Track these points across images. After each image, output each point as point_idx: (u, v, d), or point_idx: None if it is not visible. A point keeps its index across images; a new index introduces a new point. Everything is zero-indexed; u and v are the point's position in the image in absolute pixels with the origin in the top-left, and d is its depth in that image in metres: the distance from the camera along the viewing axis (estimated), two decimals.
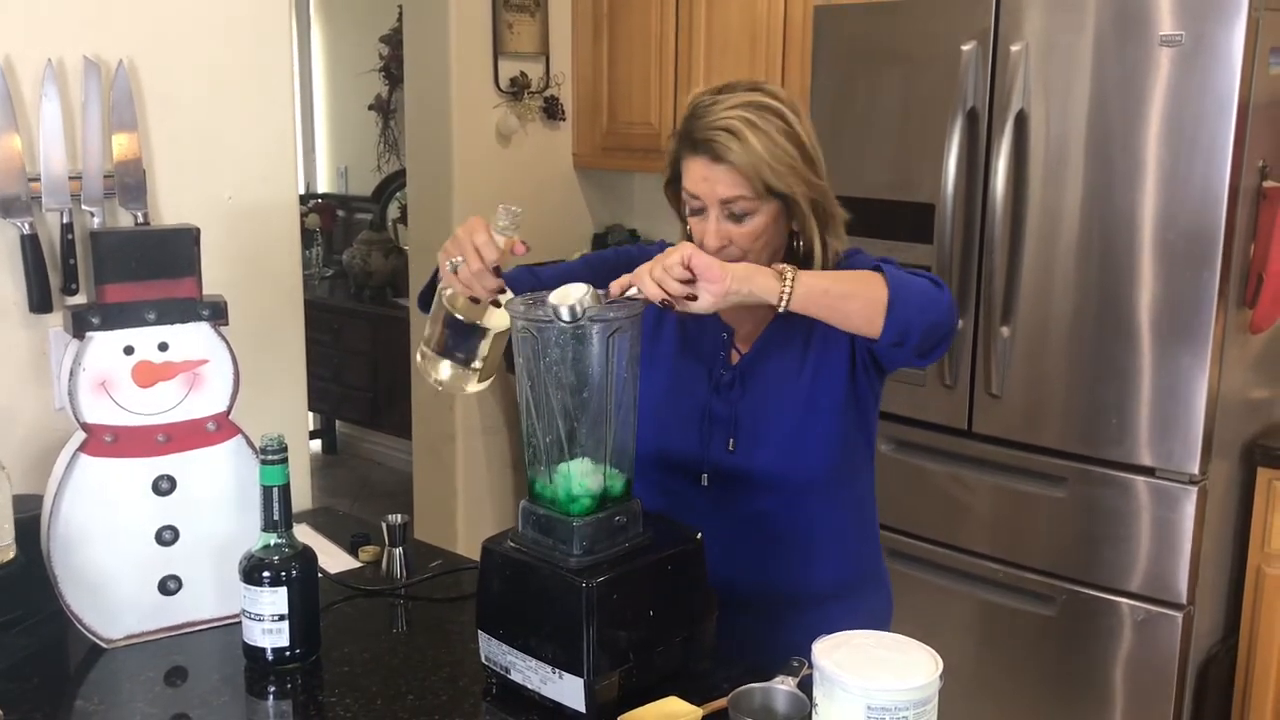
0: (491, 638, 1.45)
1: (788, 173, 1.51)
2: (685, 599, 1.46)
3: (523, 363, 1.41)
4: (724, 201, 1.52)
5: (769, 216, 1.54)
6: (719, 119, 1.50)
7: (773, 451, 1.63)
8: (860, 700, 1.19)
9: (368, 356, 4.94)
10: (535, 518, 1.43)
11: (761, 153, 1.49)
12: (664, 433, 1.67)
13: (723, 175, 1.51)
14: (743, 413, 1.64)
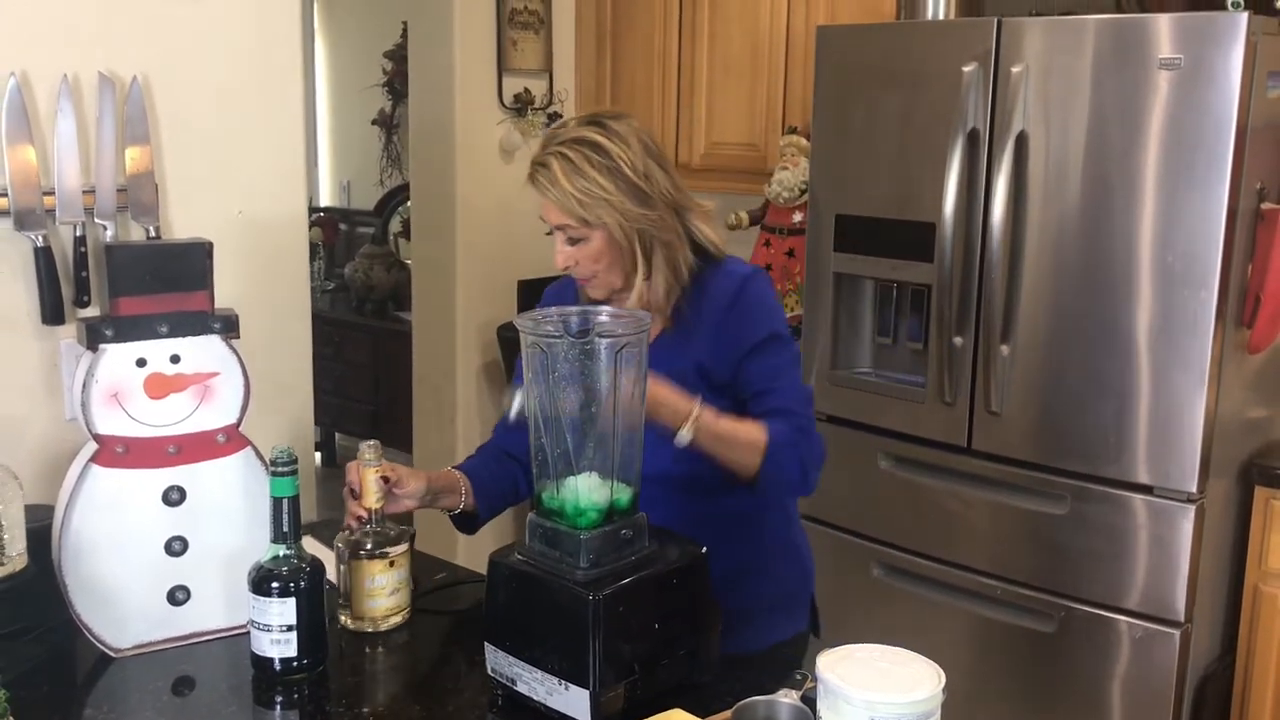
0: (498, 649, 1.47)
1: (597, 205, 1.63)
2: (690, 612, 1.48)
3: (531, 377, 1.43)
4: (558, 227, 1.67)
5: (603, 241, 1.67)
6: (540, 154, 1.67)
7: (666, 453, 1.63)
8: (864, 713, 1.21)
9: (369, 370, 4.96)
10: (542, 531, 1.44)
11: (568, 188, 1.63)
12: None
13: (548, 206, 1.67)
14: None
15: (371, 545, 1.64)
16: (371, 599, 1.64)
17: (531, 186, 1.68)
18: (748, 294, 1.74)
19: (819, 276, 2.95)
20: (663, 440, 1.60)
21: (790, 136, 3.35)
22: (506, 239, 3.83)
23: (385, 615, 1.65)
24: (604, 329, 1.41)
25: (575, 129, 1.67)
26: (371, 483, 1.64)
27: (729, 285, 1.73)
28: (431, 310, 3.84)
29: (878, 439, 2.82)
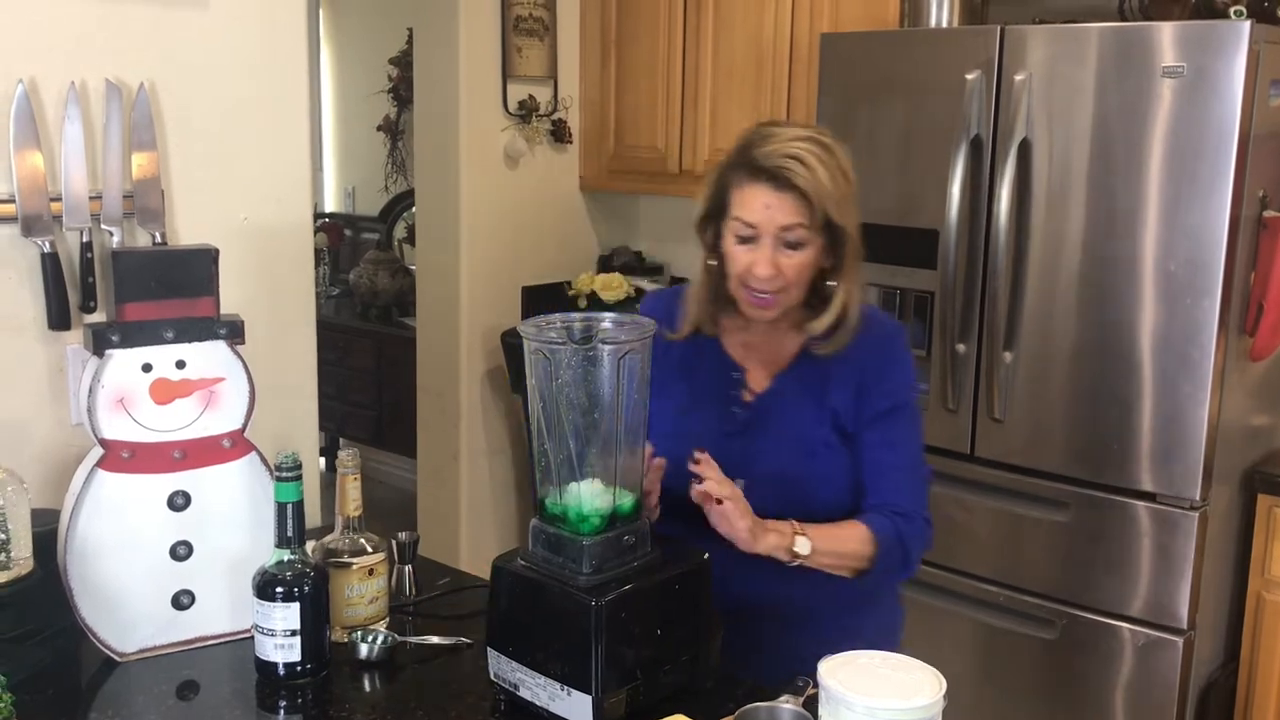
0: (501, 654, 1.47)
1: (845, 205, 1.57)
2: (692, 618, 1.48)
3: (535, 384, 1.43)
4: (782, 229, 1.56)
5: (817, 250, 1.59)
6: (785, 148, 1.55)
7: (784, 492, 1.65)
8: (865, 719, 1.22)
9: (373, 375, 4.97)
10: (545, 536, 1.45)
11: (827, 182, 1.54)
12: (677, 472, 1.62)
13: (786, 203, 1.55)
14: (755, 456, 1.66)
15: (349, 554, 1.64)
16: (350, 608, 1.64)
17: (758, 183, 1.56)
18: (896, 350, 1.72)
19: None
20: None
21: None
22: (511, 245, 3.84)
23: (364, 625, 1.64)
24: (607, 335, 1.42)
25: (802, 129, 1.60)
26: (350, 491, 1.64)
27: (879, 335, 1.70)
28: (435, 316, 3.85)
29: None
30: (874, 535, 1.62)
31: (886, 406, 1.67)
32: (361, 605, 1.65)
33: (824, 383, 1.67)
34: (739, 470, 1.63)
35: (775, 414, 1.69)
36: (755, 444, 1.68)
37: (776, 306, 1.63)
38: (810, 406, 1.68)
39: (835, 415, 1.67)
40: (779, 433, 1.68)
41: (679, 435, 1.65)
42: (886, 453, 1.68)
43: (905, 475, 1.69)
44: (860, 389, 1.67)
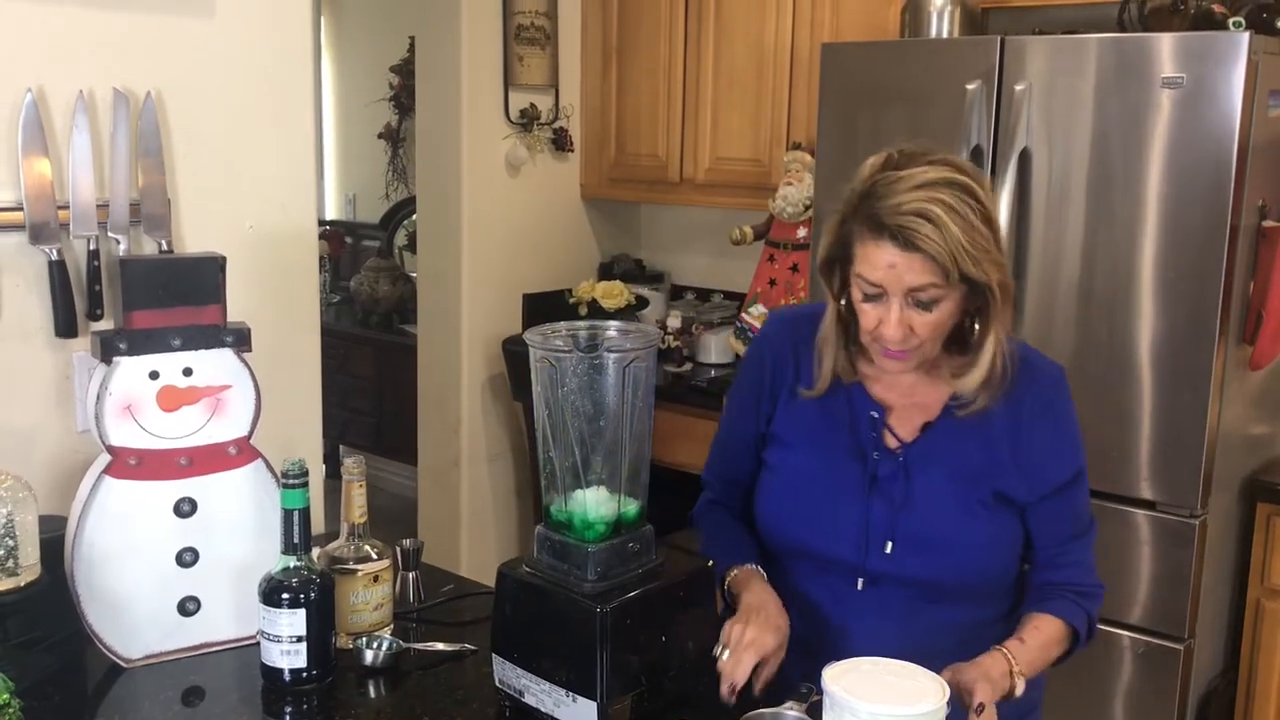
0: (506, 661, 1.48)
1: (984, 258, 1.39)
2: (697, 624, 1.49)
3: (540, 391, 1.44)
4: (911, 290, 1.40)
5: (955, 303, 1.43)
6: (910, 202, 1.37)
7: (932, 557, 1.53)
8: None
9: (373, 383, 4.98)
10: (550, 543, 1.46)
11: (961, 239, 1.36)
12: (812, 526, 1.58)
13: (914, 263, 1.38)
14: (901, 516, 1.54)
15: (354, 561, 1.65)
16: (355, 614, 1.64)
17: (881, 242, 1.39)
18: (1061, 404, 1.56)
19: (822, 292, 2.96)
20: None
21: (795, 152, 3.37)
22: (511, 253, 3.85)
23: (369, 631, 1.65)
24: (612, 344, 1.43)
25: (932, 169, 1.39)
26: (355, 497, 1.65)
27: (1042, 385, 1.54)
28: (436, 323, 3.86)
29: None
30: (1073, 631, 1.52)
31: (1062, 479, 1.54)
32: (366, 611, 1.65)
33: (981, 433, 1.52)
34: (882, 531, 1.53)
35: (924, 468, 1.54)
36: (901, 502, 1.53)
37: (912, 359, 1.48)
38: (965, 461, 1.53)
39: (993, 473, 1.52)
40: (928, 490, 1.53)
41: (812, 479, 1.58)
42: (1064, 525, 1.56)
43: (1083, 546, 1.57)
44: (1025, 456, 1.52)
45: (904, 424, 1.56)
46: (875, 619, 1.54)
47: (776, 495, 1.63)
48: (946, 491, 1.53)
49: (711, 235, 3.98)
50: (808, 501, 1.58)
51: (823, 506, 1.57)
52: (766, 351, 1.67)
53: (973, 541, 1.52)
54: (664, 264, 4.23)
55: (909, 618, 1.54)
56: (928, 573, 1.52)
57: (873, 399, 1.56)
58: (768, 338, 1.70)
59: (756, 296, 3.51)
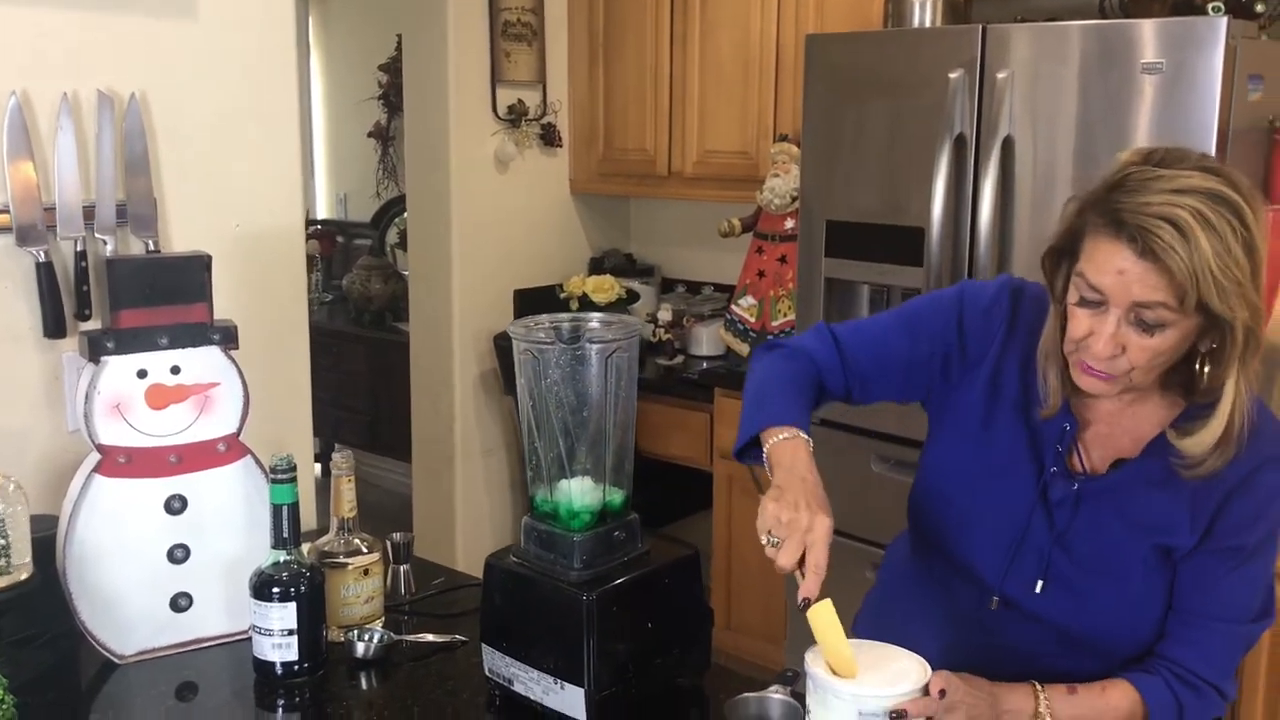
0: (495, 650, 1.49)
1: (1233, 292, 1.18)
2: (683, 611, 1.51)
3: (524, 383, 1.46)
4: (1136, 305, 1.21)
5: (1182, 333, 1.22)
6: (1163, 205, 1.17)
7: (1090, 612, 1.37)
8: (851, 706, 1.23)
9: (367, 380, 4.99)
10: (537, 533, 1.47)
11: (1211, 260, 1.16)
12: (963, 528, 1.44)
13: (1149, 275, 1.18)
14: (1066, 555, 1.38)
15: (344, 555, 1.66)
16: (346, 607, 1.66)
17: (1118, 243, 1.20)
18: (1272, 479, 1.31)
19: (811, 282, 2.98)
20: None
21: (781, 144, 3.39)
22: (502, 249, 3.87)
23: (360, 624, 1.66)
24: (594, 335, 1.44)
25: (1199, 176, 1.19)
26: (345, 492, 1.66)
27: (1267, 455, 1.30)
28: (428, 320, 3.87)
29: (870, 441, 2.85)
30: (1145, 710, 1.32)
31: (1236, 544, 1.32)
32: (357, 605, 1.67)
33: (1178, 488, 1.32)
34: (1033, 561, 1.38)
35: (1099, 507, 1.36)
36: (1061, 533, 1.38)
37: (1115, 385, 1.28)
38: (1147, 512, 1.34)
39: (1170, 529, 1.33)
40: (1097, 532, 1.36)
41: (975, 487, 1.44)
42: (1202, 598, 1.34)
43: (1219, 632, 1.34)
44: (1217, 512, 1.32)
45: (1096, 451, 1.38)
46: (1001, 642, 1.41)
47: (934, 484, 1.48)
48: (1117, 542, 1.35)
49: (701, 228, 3.99)
50: (964, 497, 1.44)
51: (980, 508, 1.42)
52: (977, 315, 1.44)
53: (1122, 604, 1.36)
54: (654, 258, 4.25)
55: (1037, 655, 1.39)
56: (1070, 621, 1.38)
57: (1070, 411, 1.37)
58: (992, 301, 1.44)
59: (746, 288, 3.52)
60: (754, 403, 1.43)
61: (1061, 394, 1.35)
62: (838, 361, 1.48)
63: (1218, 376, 1.25)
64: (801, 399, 1.43)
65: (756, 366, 1.51)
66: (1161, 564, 1.35)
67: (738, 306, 3.54)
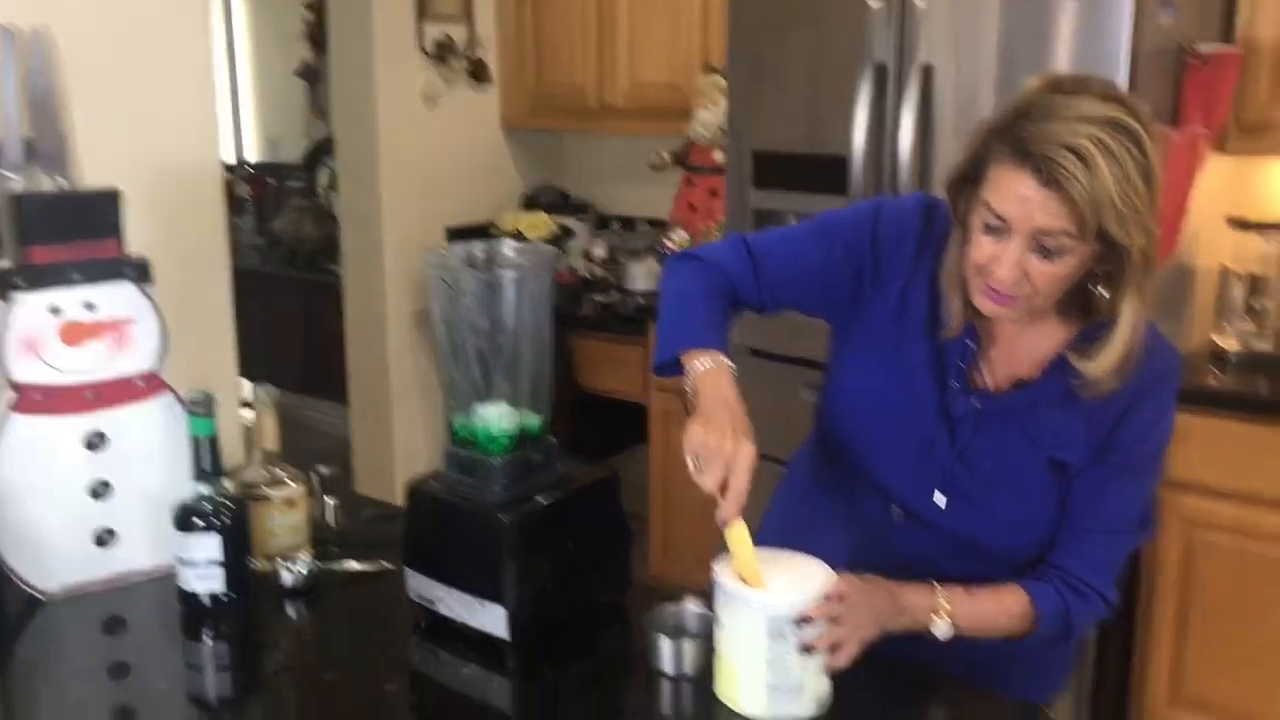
0: (419, 574, 1.52)
1: (1132, 219, 1.21)
2: (602, 531, 1.54)
3: (439, 310, 1.47)
4: (1038, 232, 1.24)
5: (1081, 259, 1.26)
6: (1065, 134, 1.20)
7: (988, 523, 1.43)
8: (760, 614, 1.28)
9: (301, 323, 4.96)
10: (457, 459, 1.50)
11: (1111, 189, 1.19)
12: (863, 442, 1.48)
13: (1050, 203, 1.21)
14: (968, 470, 1.43)
15: (269, 487, 1.68)
16: (272, 539, 1.67)
17: (1021, 171, 1.22)
18: (1166, 398, 1.39)
19: (740, 213, 3.00)
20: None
21: (710, 76, 3.39)
22: (433, 187, 3.84)
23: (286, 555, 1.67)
24: (507, 261, 1.46)
25: (1101, 104, 1.21)
26: (268, 426, 1.67)
27: (1154, 373, 1.35)
28: (361, 261, 3.85)
29: (798, 369, 2.90)
30: (1036, 613, 1.39)
31: (1127, 461, 1.39)
32: (283, 536, 1.69)
33: (1075, 408, 1.37)
34: (936, 475, 1.43)
35: (1000, 428, 1.41)
36: (963, 451, 1.43)
37: (1015, 309, 1.31)
38: (1045, 430, 1.39)
39: (1067, 445, 1.39)
40: (997, 451, 1.41)
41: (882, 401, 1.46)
42: (1095, 511, 1.40)
43: (1105, 543, 1.41)
44: (1111, 430, 1.37)
45: (998, 370, 1.42)
46: (903, 550, 1.46)
47: (842, 399, 1.52)
48: (1017, 459, 1.40)
49: (634, 163, 3.99)
50: (870, 412, 1.47)
51: (887, 424, 1.46)
52: (891, 231, 1.47)
53: (1026, 511, 1.42)
54: (588, 194, 4.24)
55: (938, 562, 1.43)
56: (970, 531, 1.43)
57: (973, 331, 1.41)
58: (906, 218, 1.47)
59: (677, 222, 3.54)
60: (673, 319, 1.46)
61: (964, 316, 1.39)
62: (751, 274, 1.50)
63: (1115, 300, 1.29)
64: (719, 316, 1.46)
65: (671, 278, 1.52)
66: (1056, 479, 1.40)
67: (669, 240, 3.56)
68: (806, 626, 1.28)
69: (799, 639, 1.28)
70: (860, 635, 1.31)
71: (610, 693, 1.40)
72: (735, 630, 1.30)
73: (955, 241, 1.38)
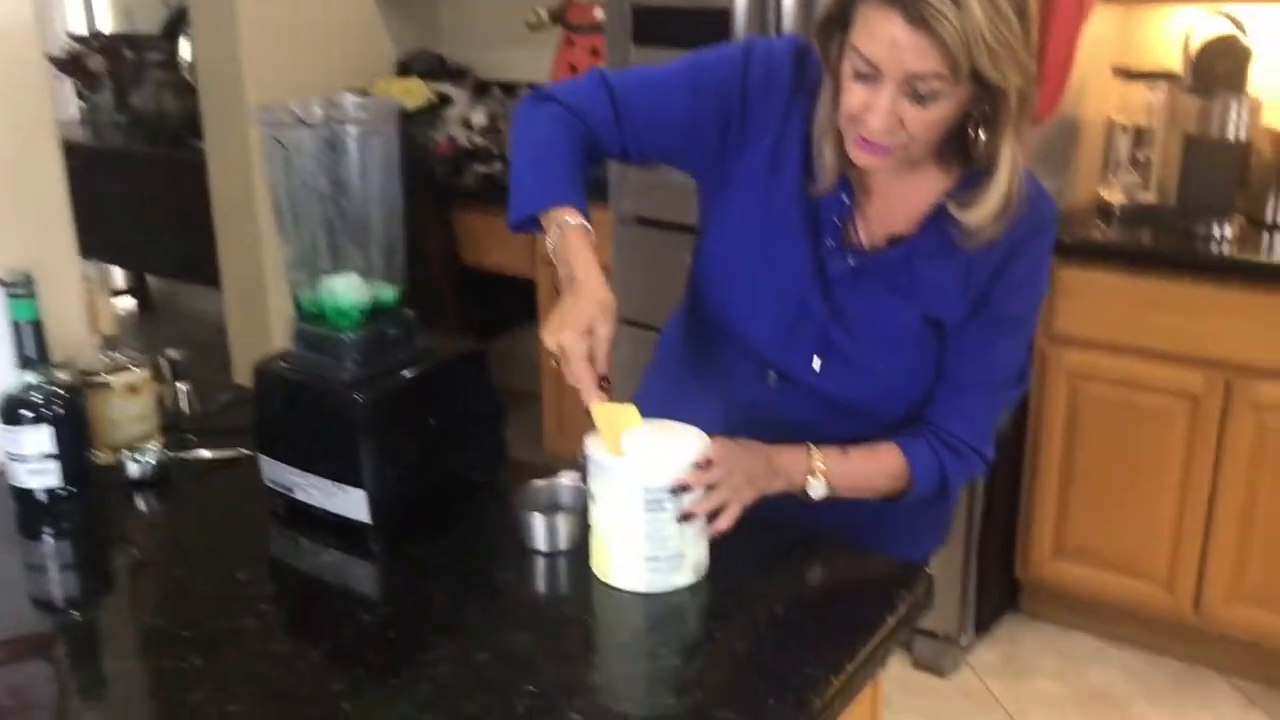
0: (273, 459, 1.43)
1: (1006, 58, 1.16)
2: (469, 408, 1.46)
3: (274, 173, 1.34)
4: (910, 76, 1.17)
5: (957, 102, 1.21)
6: None
7: (865, 385, 1.39)
8: (635, 484, 1.22)
9: (170, 205, 4.69)
10: (305, 336, 1.39)
11: (983, 26, 1.13)
12: (736, 306, 1.42)
13: (921, 45, 1.15)
14: (844, 331, 1.38)
15: (109, 374, 1.56)
16: (115, 428, 1.56)
17: (890, 12, 1.15)
18: (1041, 247, 1.35)
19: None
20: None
21: None
22: (297, 54, 3.61)
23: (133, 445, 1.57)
24: (347, 115, 1.33)
25: None
26: (104, 309, 1.54)
27: (1032, 223, 1.30)
28: (224, 135, 3.63)
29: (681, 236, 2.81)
30: (910, 472, 1.37)
31: (1004, 314, 1.35)
32: (128, 425, 1.57)
33: (952, 261, 1.32)
34: (811, 338, 1.38)
35: (876, 287, 1.36)
36: (838, 311, 1.37)
37: (890, 160, 1.26)
38: (922, 286, 1.34)
39: (943, 300, 1.34)
40: (874, 311, 1.36)
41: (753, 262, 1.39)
42: (972, 366, 1.37)
43: (981, 399, 1.39)
44: (988, 283, 1.33)
45: (873, 225, 1.37)
46: (780, 415, 1.42)
47: (712, 261, 1.44)
48: (892, 314, 1.36)
49: (513, 24, 3.79)
50: (743, 275, 1.40)
51: (758, 286, 1.39)
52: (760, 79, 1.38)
53: (903, 371, 1.38)
54: (466, 58, 4.04)
55: (815, 426, 1.39)
56: (847, 394, 1.39)
57: (848, 184, 1.34)
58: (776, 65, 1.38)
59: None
60: (527, 172, 1.37)
61: (837, 169, 1.33)
62: (612, 118, 1.40)
63: (993, 143, 1.24)
64: (576, 169, 1.36)
65: (526, 124, 1.41)
66: (933, 336, 1.37)
67: None
68: (684, 495, 1.22)
69: (676, 508, 1.22)
70: (739, 499, 1.26)
71: (481, 572, 1.33)
72: (610, 504, 1.24)
73: (826, 90, 1.30)
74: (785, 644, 1.17)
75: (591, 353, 1.22)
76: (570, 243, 1.28)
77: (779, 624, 1.21)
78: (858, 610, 1.22)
